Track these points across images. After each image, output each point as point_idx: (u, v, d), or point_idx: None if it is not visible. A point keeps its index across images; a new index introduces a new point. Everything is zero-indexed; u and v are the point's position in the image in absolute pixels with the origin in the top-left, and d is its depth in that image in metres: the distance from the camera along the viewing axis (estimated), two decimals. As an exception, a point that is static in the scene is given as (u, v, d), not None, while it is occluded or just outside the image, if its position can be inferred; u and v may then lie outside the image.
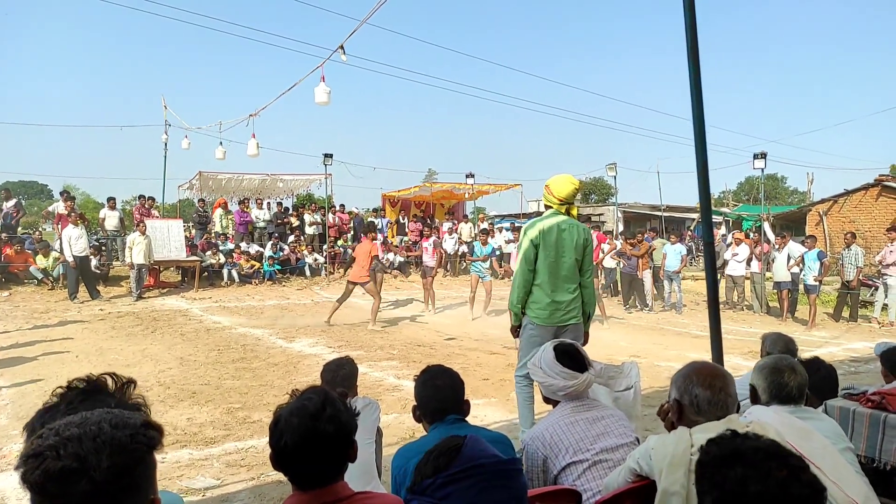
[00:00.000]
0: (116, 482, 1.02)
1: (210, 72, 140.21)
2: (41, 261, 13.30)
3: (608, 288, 14.28)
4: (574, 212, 4.25)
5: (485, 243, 11.36)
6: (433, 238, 12.59)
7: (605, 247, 13.03)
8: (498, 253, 12.25)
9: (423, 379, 2.37)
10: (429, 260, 12.01)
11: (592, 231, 11.85)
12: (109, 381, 1.51)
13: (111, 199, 15.62)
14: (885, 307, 11.32)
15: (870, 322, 11.39)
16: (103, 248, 14.52)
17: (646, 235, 13.70)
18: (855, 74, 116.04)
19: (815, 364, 3.26)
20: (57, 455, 0.99)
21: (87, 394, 1.43)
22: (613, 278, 14.07)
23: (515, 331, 4.35)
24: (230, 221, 17.24)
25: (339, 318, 10.87)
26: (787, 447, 1.94)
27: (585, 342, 4.32)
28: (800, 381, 2.32)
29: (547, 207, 4.27)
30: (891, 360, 3.37)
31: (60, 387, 1.48)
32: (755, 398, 2.40)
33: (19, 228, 14.97)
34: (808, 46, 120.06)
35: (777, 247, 12.37)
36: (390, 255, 16.98)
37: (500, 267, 12.64)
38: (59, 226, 13.53)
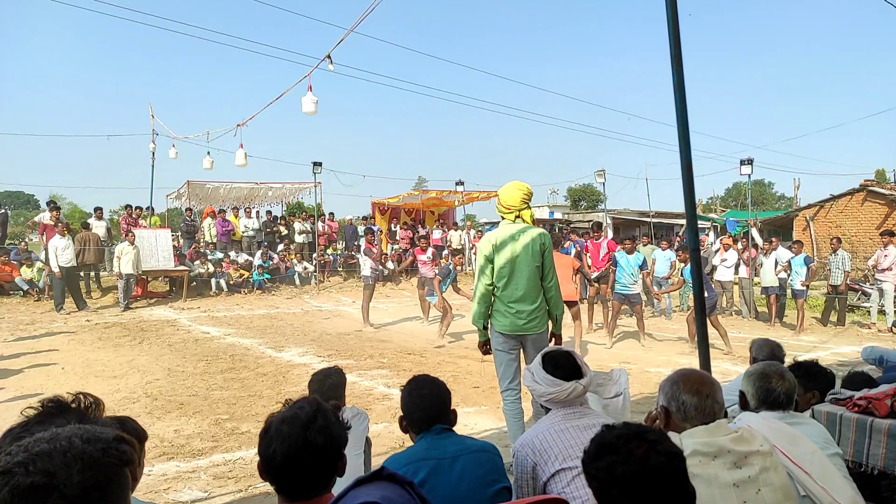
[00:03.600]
0: (88, 498, 1.00)
1: (197, 81, 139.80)
2: (26, 272, 13.16)
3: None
4: (527, 216, 4.20)
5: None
6: (431, 249, 12.07)
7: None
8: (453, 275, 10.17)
9: (408, 389, 2.36)
10: (426, 272, 11.51)
11: (603, 238, 11.78)
12: (82, 401, 1.50)
13: (98, 209, 15.47)
14: (881, 312, 11.38)
15: (869, 328, 11.42)
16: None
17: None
18: (840, 80, 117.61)
19: (815, 368, 3.27)
20: (26, 471, 0.97)
21: (46, 416, 1.41)
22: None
23: (482, 346, 4.31)
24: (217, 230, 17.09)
25: (332, 327, 10.86)
26: (776, 453, 1.95)
27: (558, 345, 4.30)
28: (788, 386, 2.33)
29: (502, 218, 4.25)
30: (852, 381, 3.36)
31: (31, 406, 1.45)
32: (745, 404, 2.41)
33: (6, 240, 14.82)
34: (793, 52, 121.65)
35: (764, 252, 12.43)
36: (389, 265, 16.72)
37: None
38: (45, 236, 13.39)
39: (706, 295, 8.64)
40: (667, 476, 1.32)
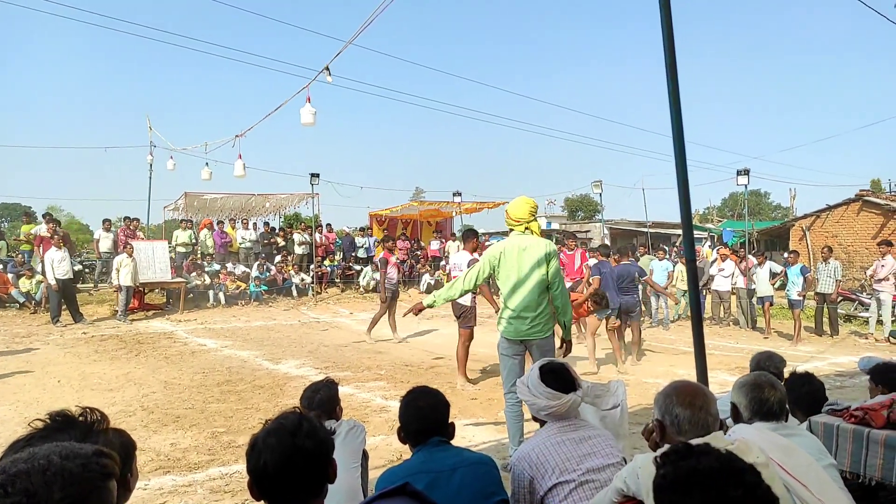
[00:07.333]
0: None
1: (196, 92, 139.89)
2: (25, 283, 13.12)
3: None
4: (535, 228, 4.47)
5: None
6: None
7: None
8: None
9: (406, 400, 2.36)
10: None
11: (577, 249, 11.75)
12: (89, 415, 1.50)
13: (106, 221, 15.45)
14: (879, 322, 11.39)
15: (866, 338, 11.42)
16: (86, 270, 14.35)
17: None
18: (836, 91, 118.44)
19: (805, 378, 3.29)
20: (5, 493, 0.96)
21: (51, 430, 1.41)
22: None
23: (418, 308, 4.68)
24: (214, 241, 17.04)
25: (329, 338, 10.82)
26: (772, 465, 1.95)
27: (568, 351, 4.49)
28: (780, 396, 2.33)
29: (511, 230, 4.52)
30: (879, 374, 3.41)
31: (38, 418, 1.45)
32: (737, 416, 2.41)
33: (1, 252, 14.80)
34: (789, 63, 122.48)
35: (758, 262, 12.48)
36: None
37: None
38: (41, 248, 13.35)
39: (613, 305, 8.52)
40: None
